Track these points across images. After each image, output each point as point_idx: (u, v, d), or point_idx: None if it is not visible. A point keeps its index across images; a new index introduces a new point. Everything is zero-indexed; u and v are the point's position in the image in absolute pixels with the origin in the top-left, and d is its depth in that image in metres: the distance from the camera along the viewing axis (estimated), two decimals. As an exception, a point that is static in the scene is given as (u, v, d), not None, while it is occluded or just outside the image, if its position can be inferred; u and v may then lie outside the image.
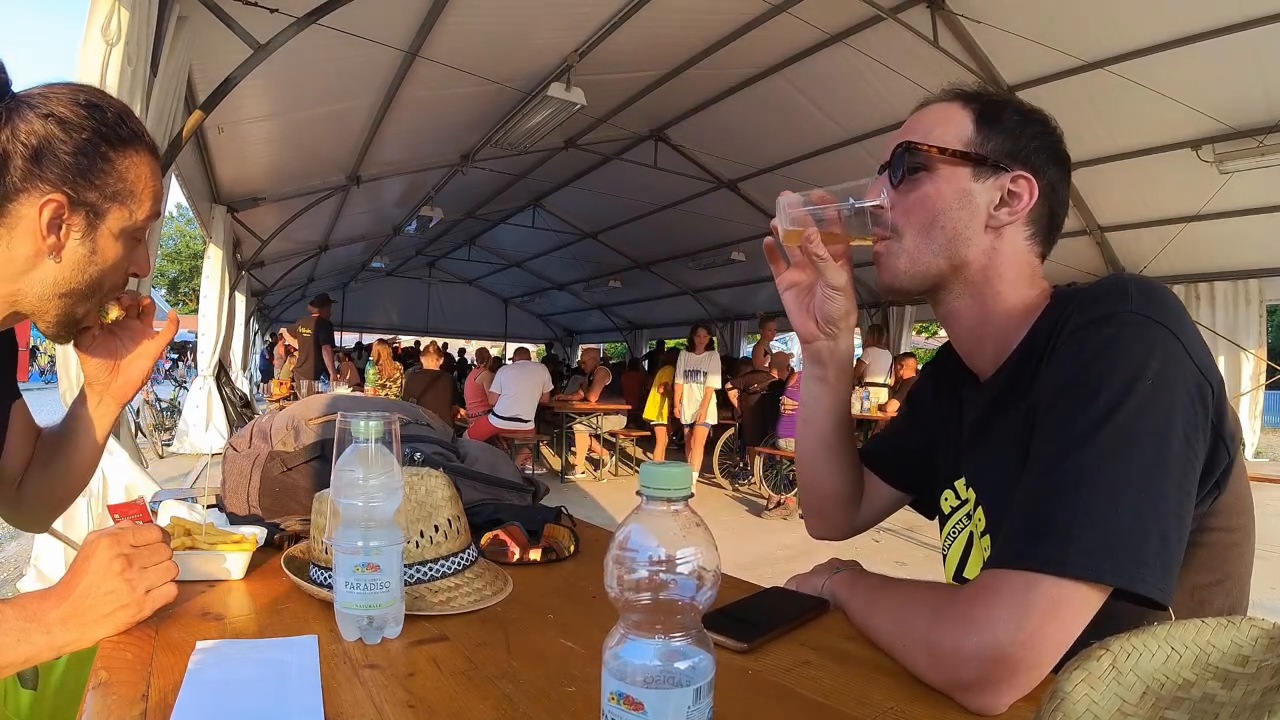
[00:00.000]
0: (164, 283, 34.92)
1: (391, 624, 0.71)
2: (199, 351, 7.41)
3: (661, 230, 10.26)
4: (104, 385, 0.96)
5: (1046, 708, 0.37)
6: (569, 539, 1.05)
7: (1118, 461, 0.59)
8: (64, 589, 0.66)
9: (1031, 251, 0.79)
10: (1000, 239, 0.77)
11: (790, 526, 5.28)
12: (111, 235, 0.81)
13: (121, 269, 0.85)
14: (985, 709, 0.59)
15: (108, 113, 0.78)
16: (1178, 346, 0.63)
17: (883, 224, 0.79)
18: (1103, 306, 0.65)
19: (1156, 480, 0.59)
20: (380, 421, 0.71)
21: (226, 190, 6.56)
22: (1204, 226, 6.29)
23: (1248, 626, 0.37)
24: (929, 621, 0.64)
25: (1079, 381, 0.63)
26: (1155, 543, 0.58)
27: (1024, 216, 0.77)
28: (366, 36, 4.19)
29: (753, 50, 5.60)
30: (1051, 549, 0.58)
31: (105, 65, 2.31)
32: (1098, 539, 0.57)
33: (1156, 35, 4.63)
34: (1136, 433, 0.60)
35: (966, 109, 0.79)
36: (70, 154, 0.75)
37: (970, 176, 0.76)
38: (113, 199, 0.79)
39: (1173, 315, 0.64)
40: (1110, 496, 0.58)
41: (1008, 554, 0.61)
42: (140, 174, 0.81)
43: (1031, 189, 0.76)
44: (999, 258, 0.77)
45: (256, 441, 1.23)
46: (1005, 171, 0.76)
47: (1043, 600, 0.58)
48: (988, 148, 0.76)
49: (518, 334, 17.61)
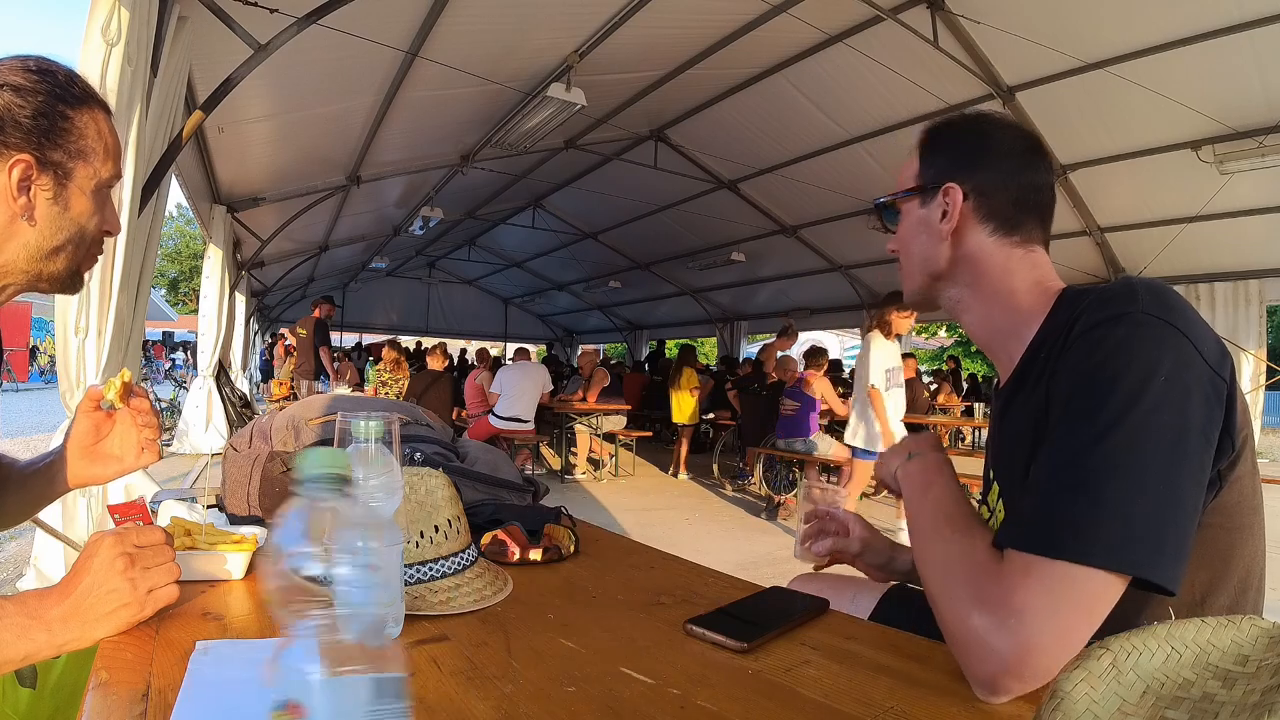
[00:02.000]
0: (164, 283, 34.93)
1: (391, 624, 0.71)
2: (199, 351, 7.41)
3: (662, 230, 10.26)
4: (75, 464, 0.95)
5: (1046, 707, 0.37)
6: (569, 539, 1.05)
7: (1137, 455, 0.62)
8: (66, 587, 0.66)
9: (1007, 243, 0.84)
10: (960, 243, 0.86)
11: (790, 527, 5.28)
12: (81, 192, 0.82)
13: (96, 223, 0.86)
14: (991, 698, 0.63)
15: (58, 75, 0.81)
16: (1189, 346, 0.65)
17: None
18: (1113, 307, 0.68)
19: (1173, 474, 0.62)
20: (380, 422, 0.71)
21: (227, 190, 6.56)
22: (1204, 227, 6.29)
23: (1248, 626, 0.37)
24: (969, 604, 0.65)
25: (1096, 379, 0.66)
26: (1172, 534, 0.61)
27: (970, 218, 0.85)
28: (367, 37, 4.19)
29: (753, 50, 5.60)
30: (1082, 540, 0.61)
31: (105, 65, 2.31)
32: (1124, 531, 0.61)
33: (1157, 36, 4.63)
34: (1154, 427, 0.62)
35: (917, 148, 0.91)
36: (30, 116, 0.77)
37: (918, 205, 0.89)
38: (77, 156, 0.81)
39: (1182, 316, 0.67)
40: (1132, 490, 0.61)
41: (1035, 537, 0.64)
42: (100, 130, 0.83)
43: (957, 195, 0.85)
44: (970, 257, 0.85)
45: (256, 442, 1.23)
46: (936, 189, 0.87)
47: (1077, 593, 0.61)
48: (926, 177, 0.88)
49: (518, 334, 17.62)
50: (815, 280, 9.93)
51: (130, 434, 0.95)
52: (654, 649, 0.71)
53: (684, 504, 6.09)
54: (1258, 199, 5.94)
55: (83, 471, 0.95)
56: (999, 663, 0.61)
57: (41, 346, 20.20)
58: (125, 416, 0.94)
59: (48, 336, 20.03)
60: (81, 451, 0.94)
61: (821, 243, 9.02)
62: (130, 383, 0.93)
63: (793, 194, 7.92)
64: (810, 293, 10.37)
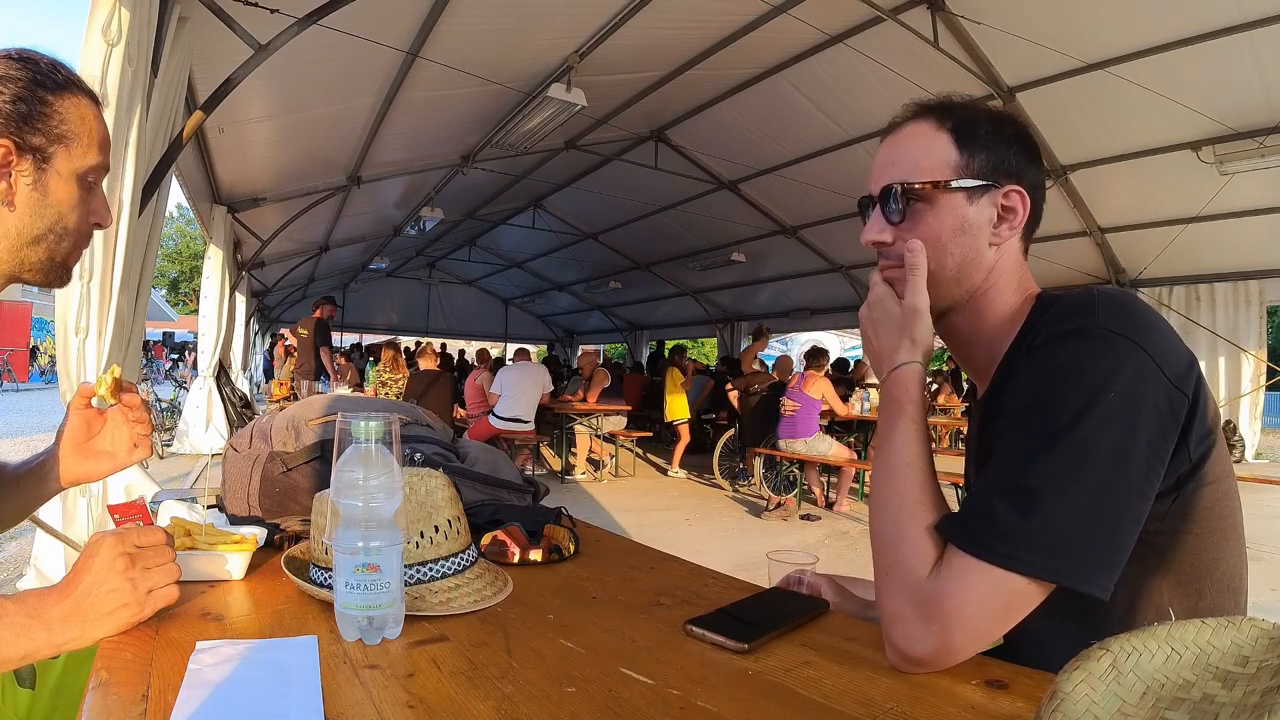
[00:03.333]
0: (164, 283, 34.95)
1: (391, 624, 0.71)
2: (199, 352, 7.41)
3: (662, 231, 10.26)
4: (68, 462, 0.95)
5: (1046, 708, 0.37)
6: (569, 539, 1.05)
7: (1074, 469, 0.63)
8: (66, 587, 0.67)
9: (1021, 254, 0.82)
10: (999, 252, 0.79)
11: (790, 528, 5.27)
12: (61, 177, 0.81)
13: (80, 214, 0.85)
14: (900, 667, 0.68)
15: (40, 63, 0.81)
16: (1145, 359, 0.65)
17: (889, 258, 0.81)
18: (1070, 321, 0.69)
19: (1111, 487, 0.64)
20: (380, 422, 0.71)
21: (227, 190, 6.56)
22: (1204, 228, 6.29)
23: (1248, 627, 0.37)
24: (905, 590, 0.68)
25: (1045, 393, 0.67)
26: (1104, 545, 0.64)
27: (1021, 227, 0.79)
28: (367, 37, 4.19)
29: (753, 51, 5.60)
30: (1012, 545, 0.63)
31: (106, 66, 2.31)
32: (1052, 542, 0.63)
33: (1157, 36, 4.63)
34: (1096, 444, 0.63)
35: (942, 129, 0.79)
36: (9, 101, 0.77)
37: (965, 201, 0.77)
38: (57, 140, 0.80)
39: (1138, 328, 0.67)
40: (1065, 503, 0.63)
41: (971, 536, 0.66)
42: (81, 115, 0.82)
43: (1024, 201, 0.78)
44: (998, 270, 0.80)
45: (257, 442, 1.23)
46: (996, 188, 0.77)
47: (1005, 596, 0.64)
48: (974, 168, 0.77)
49: (518, 335, 17.61)
50: (815, 280, 9.94)
51: (122, 430, 0.95)
52: (654, 650, 0.71)
53: (684, 504, 6.09)
54: (1258, 199, 5.94)
55: (76, 469, 0.95)
56: (918, 652, 0.66)
57: (42, 346, 20.21)
58: (116, 413, 0.94)
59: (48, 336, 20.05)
60: (74, 449, 0.94)
61: (822, 243, 9.03)
62: (121, 379, 0.93)
63: (793, 194, 7.92)
64: (810, 293, 10.38)
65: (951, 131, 0.78)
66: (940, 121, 0.79)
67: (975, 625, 0.64)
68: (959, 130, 0.78)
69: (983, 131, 0.78)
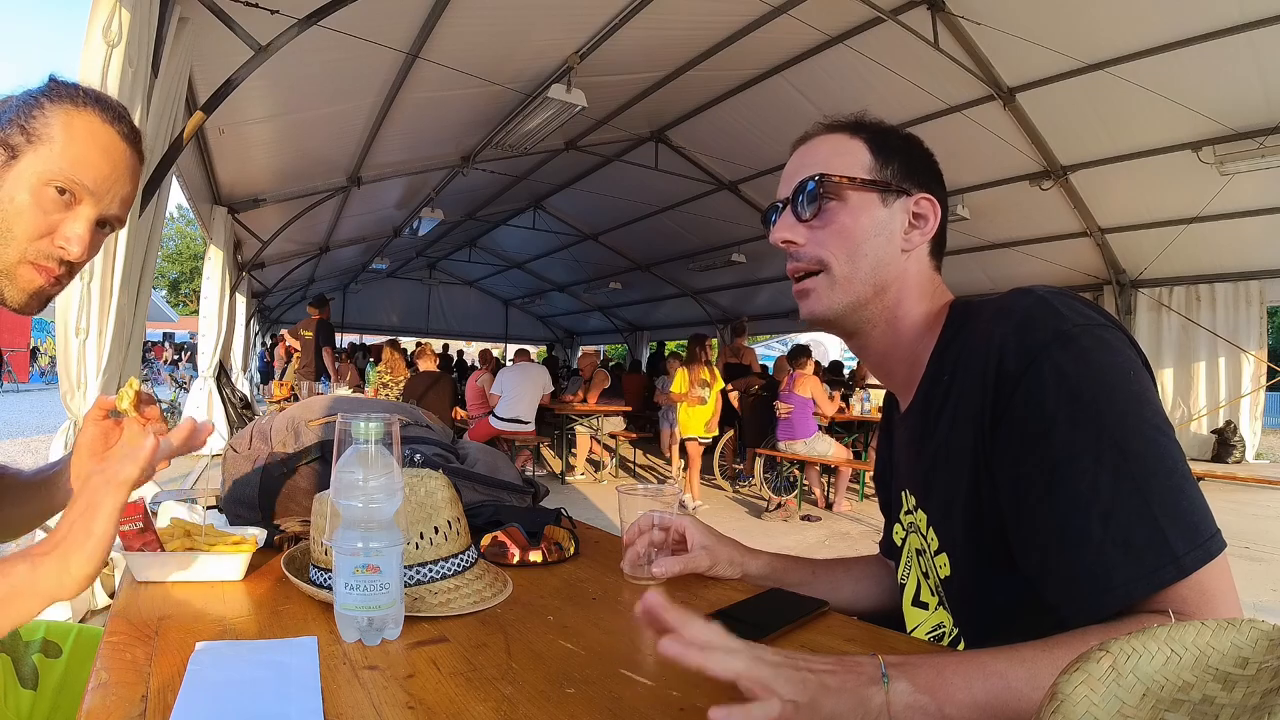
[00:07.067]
0: (164, 284, 34.98)
1: (391, 625, 0.71)
2: (199, 353, 7.41)
3: (662, 232, 10.27)
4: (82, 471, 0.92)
5: (1046, 709, 0.37)
6: (569, 540, 1.05)
7: (1158, 446, 0.61)
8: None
9: (931, 267, 0.82)
10: (909, 260, 0.80)
11: (790, 528, 5.27)
12: (21, 178, 0.77)
13: (35, 224, 0.78)
14: None
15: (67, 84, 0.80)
16: (1120, 336, 0.66)
17: (799, 259, 0.81)
18: (1042, 331, 0.65)
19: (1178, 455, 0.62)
20: (380, 423, 0.71)
21: (227, 191, 6.57)
22: (1204, 228, 6.30)
23: (1248, 628, 0.37)
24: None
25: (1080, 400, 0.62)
26: (1203, 501, 0.61)
27: (930, 237, 0.80)
28: (368, 38, 4.19)
29: (753, 52, 5.61)
30: (1160, 555, 0.58)
31: (106, 67, 2.31)
32: (1190, 521, 0.59)
33: (1157, 37, 4.64)
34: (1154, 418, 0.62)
35: (856, 138, 0.80)
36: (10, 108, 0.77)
37: (879, 203, 0.78)
38: (33, 139, 0.77)
39: (1102, 314, 0.68)
40: (1173, 479, 0.60)
41: (1128, 581, 0.58)
42: (69, 124, 0.78)
43: (935, 210, 0.80)
44: (908, 278, 0.80)
45: (256, 443, 1.23)
46: (908, 195, 0.79)
47: (1197, 601, 0.58)
48: (888, 173, 0.79)
49: (518, 335, 17.62)
50: (816, 281, 9.93)
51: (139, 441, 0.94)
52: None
53: (684, 505, 6.09)
54: (1258, 200, 5.94)
55: None
56: None
57: (42, 347, 20.21)
58: (134, 424, 0.93)
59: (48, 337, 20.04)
60: (91, 459, 0.93)
61: (822, 244, 9.03)
62: (142, 391, 0.92)
63: (793, 195, 7.92)
64: (810, 294, 10.37)
65: (866, 140, 0.80)
66: (854, 131, 0.81)
67: None
68: (873, 140, 0.80)
69: (895, 143, 0.81)
